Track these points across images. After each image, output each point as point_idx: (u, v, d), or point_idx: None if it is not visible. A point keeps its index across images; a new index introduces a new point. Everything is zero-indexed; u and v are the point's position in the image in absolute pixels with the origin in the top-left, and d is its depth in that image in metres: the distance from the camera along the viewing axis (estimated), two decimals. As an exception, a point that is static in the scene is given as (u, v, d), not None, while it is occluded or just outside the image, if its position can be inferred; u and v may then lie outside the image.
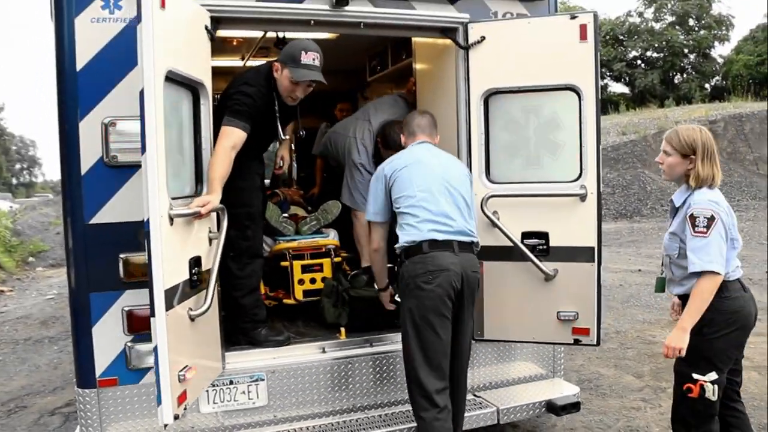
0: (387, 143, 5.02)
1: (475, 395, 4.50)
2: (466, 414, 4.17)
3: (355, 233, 5.21)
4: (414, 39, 5.30)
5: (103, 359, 3.81)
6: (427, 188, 3.78)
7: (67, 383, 6.74)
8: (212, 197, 3.52)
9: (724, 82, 42.44)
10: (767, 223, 17.21)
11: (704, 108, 29.59)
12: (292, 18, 4.06)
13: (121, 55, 3.69)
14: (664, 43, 43.15)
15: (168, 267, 3.09)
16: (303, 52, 3.99)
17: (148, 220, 3.03)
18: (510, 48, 4.28)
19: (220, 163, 3.66)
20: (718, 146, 23.24)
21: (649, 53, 44.63)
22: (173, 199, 3.27)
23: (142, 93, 2.95)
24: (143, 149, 2.99)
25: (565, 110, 4.22)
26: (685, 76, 44.25)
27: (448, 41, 4.53)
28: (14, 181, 79.52)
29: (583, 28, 4.13)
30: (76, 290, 3.79)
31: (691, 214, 3.38)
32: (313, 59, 4.01)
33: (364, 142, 5.15)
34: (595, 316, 4.25)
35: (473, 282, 3.75)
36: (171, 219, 3.17)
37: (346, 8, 4.08)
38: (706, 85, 43.87)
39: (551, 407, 4.40)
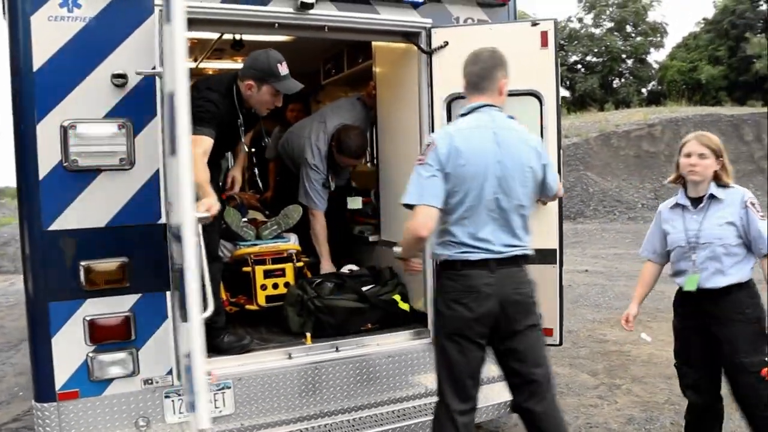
0: (340, 148, 5.13)
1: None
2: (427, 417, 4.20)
3: (312, 232, 5.28)
4: (374, 43, 5.30)
5: (63, 371, 3.66)
6: (478, 200, 3.31)
7: (13, 397, 6.50)
8: (211, 199, 3.49)
9: (660, 87, 43.86)
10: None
11: (642, 112, 30.47)
12: (257, 21, 4.01)
13: (80, 55, 3.58)
14: (603, 48, 44.31)
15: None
16: (278, 65, 4.00)
17: (175, 224, 2.92)
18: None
19: (202, 169, 3.66)
20: (656, 149, 24.15)
21: (588, 58, 45.76)
22: None
23: (171, 95, 2.79)
24: (173, 151, 2.81)
25: (526, 115, 4.26)
26: (623, 80, 45.53)
27: (409, 45, 4.56)
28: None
29: (544, 35, 4.22)
30: (34, 299, 3.65)
31: (751, 202, 3.68)
32: (286, 68, 4.02)
33: (318, 144, 5.27)
34: (558, 317, 4.32)
35: (517, 300, 3.34)
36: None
37: (311, 12, 4.06)
38: (643, 90, 45.24)
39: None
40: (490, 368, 4.66)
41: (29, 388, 6.60)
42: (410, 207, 3.32)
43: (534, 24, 4.26)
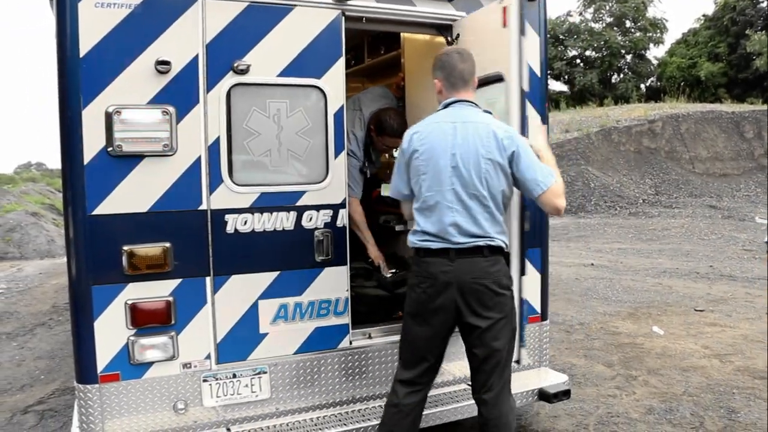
0: (382, 129, 5.08)
1: (468, 384, 4.57)
2: (463, 403, 4.29)
3: (351, 220, 5.28)
4: (403, 34, 5.35)
5: (105, 354, 3.71)
6: (437, 191, 3.47)
7: (35, 381, 6.55)
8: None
9: (659, 83, 43.96)
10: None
11: (643, 108, 30.59)
12: (297, 10, 4.05)
13: (125, 42, 3.62)
14: (602, 43, 44.35)
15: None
16: None
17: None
18: (476, 40, 4.34)
19: None
20: (657, 145, 24.33)
21: (588, 53, 45.80)
22: None
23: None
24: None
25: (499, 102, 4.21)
26: (622, 76, 45.61)
27: (439, 38, 4.61)
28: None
29: (504, 12, 4.04)
30: (77, 283, 3.69)
31: None
32: None
33: (354, 130, 5.25)
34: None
35: (475, 289, 3.43)
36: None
37: (349, 3, 4.10)
38: (642, 86, 45.35)
39: (543, 395, 4.52)
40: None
41: (50, 371, 6.74)
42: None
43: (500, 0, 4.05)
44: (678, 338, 7.38)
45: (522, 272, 3.83)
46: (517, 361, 4.02)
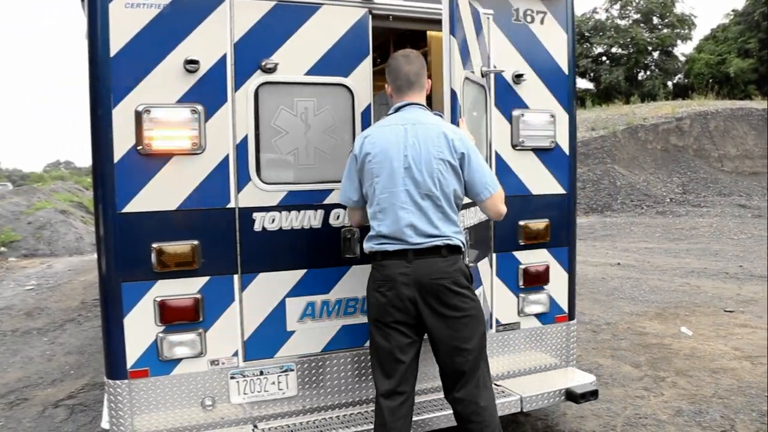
0: None
1: (495, 384, 4.56)
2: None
3: None
4: (430, 33, 5.32)
5: (134, 350, 3.75)
6: (390, 192, 3.45)
7: (65, 375, 6.65)
8: None
9: (687, 80, 43.41)
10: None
11: (670, 105, 30.25)
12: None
13: (155, 41, 3.65)
14: (628, 40, 43.90)
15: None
16: None
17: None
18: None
19: None
20: (685, 143, 24.04)
21: (614, 50, 45.37)
22: None
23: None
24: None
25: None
26: (648, 73, 45.11)
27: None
28: (-31, 169, 77.45)
29: None
30: (107, 280, 3.72)
31: None
32: None
33: None
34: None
35: (434, 289, 3.40)
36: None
37: (376, 1, 4.11)
38: (669, 83, 44.81)
39: (570, 395, 4.48)
40: (534, 358, 4.77)
41: (80, 366, 6.84)
42: None
43: None
44: (707, 339, 7.28)
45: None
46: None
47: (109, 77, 3.60)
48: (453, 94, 3.65)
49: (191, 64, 3.70)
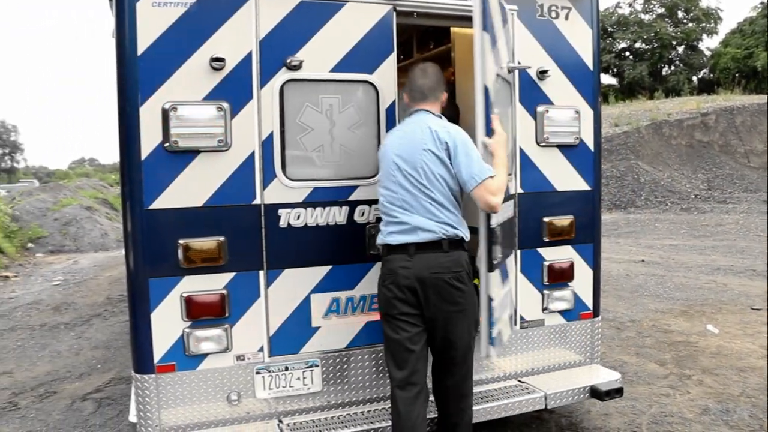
0: None
1: (520, 381, 4.57)
2: (514, 399, 4.26)
3: None
4: (453, 29, 5.31)
5: (161, 345, 3.79)
6: (387, 189, 3.68)
7: (92, 369, 6.75)
8: None
9: (712, 75, 42.82)
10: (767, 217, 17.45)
11: (695, 100, 29.85)
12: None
13: (181, 40, 3.68)
14: (652, 34, 43.40)
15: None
16: None
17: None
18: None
19: None
20: (710, 139, 23.72)
21: (637, 45, 44.89)
22: None
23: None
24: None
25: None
26: (673, 68, 44.59)
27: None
28: (-5, 166, 78.67)
29: None
30: (135, 276, 3.77)
31: None
32: None
33: None
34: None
35: (433, 283, 3.52)
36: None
37: (401, -3, 4.11)
38: (694, 78, 44.24)
39: (595, 392, 4.46)
40: (558, 355, 4.74)
41: (106, 360, 6.93)
42: None
43: None
44: (734, 337, 7.19)
45: (489, 269, 3.78)
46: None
47: (136, 75, 3.64)
48: (486, 90, 3.64)
49: (217, 62, 3.73)
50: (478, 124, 3.65)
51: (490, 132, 3.65)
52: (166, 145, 3.69)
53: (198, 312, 3.82)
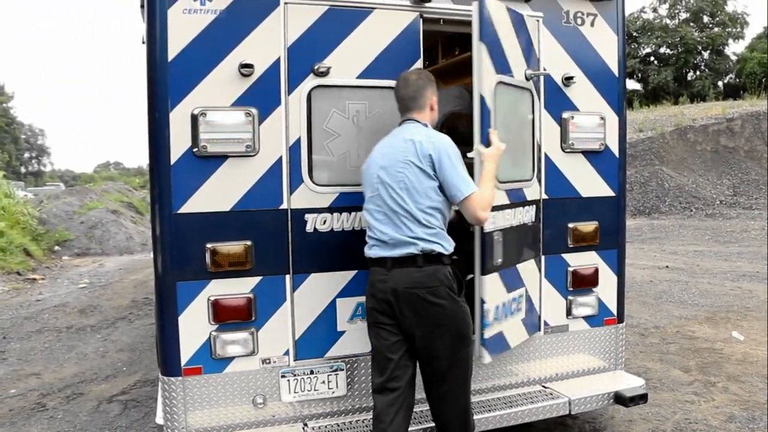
0: (453, 135, 5.08)
1: (544, 386, 4.56)
2: (538, 404, 4.26)
3: None
4: (478, 34, 5.31)
5: (188, 348, 3.84)
6: (371, 202, 3.68)
7: (118, 372, 6.84)
8: None
9: (738, 80, 42.32)
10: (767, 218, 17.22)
11: (721, 106, 29.53)
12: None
13: (211, 46, 3.74)
14: (677, 39, 43.01)
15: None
16: None
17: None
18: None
19: None
20: (736, 144, 23.47)
21: (662, 50, 44.51)
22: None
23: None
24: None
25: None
26: (698, 73, 44.14)
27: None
28: (23, 170, 79.82)
29: None
30: (162, 279, 3.82)
31: None
32: None
33: None
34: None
35: (407, 298, 3.49)
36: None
37: (427, 4, 4.13)
38: (720, 83, 43.76)
39: (619, 398, 4.44)
40: (582, 361, 4.72)
41: (132, 363, 7.02)
42: None
43: None
44: (760, 344, 7.11)
45: (483, 272, 3.77)
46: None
47: (166, 81, 3.69)
48: (482, 99, 3.69)
49: (246, 68, 3.77)
50: (476, 133, 3.72)
51: (486, 141, 3.70)
52: (195, 150, 3.73)
53: (225, 316, 3.86)
